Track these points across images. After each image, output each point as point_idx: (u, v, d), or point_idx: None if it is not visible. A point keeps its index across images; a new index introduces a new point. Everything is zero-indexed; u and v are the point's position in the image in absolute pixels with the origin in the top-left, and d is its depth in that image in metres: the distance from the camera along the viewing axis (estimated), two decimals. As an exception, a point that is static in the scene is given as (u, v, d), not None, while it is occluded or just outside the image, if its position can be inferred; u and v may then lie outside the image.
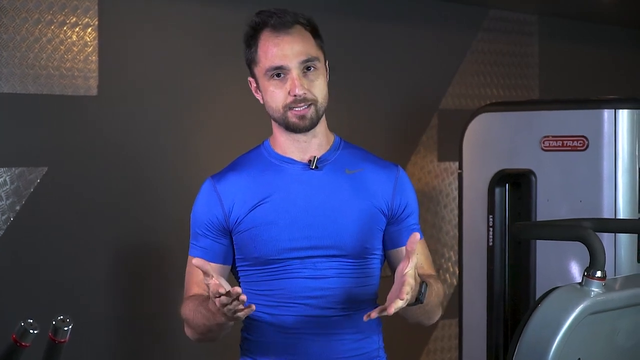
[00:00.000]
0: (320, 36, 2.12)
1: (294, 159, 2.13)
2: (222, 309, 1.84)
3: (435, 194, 4.57)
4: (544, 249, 3.55)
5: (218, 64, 3.66)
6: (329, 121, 2.17)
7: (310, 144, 2.12)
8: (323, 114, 2.11)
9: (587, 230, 1.92)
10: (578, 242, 1.91)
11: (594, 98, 3.62)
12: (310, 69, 2.06)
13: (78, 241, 3.31)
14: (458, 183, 3.84)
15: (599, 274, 1.84)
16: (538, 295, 2.61)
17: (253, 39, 2.10)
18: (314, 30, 2.11)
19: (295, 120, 2.07)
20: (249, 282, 2.13)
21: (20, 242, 3.18)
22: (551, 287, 1.85)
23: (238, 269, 2.15)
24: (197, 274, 2.09)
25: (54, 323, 1.66)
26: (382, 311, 1.83)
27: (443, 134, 4.56)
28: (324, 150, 2.14)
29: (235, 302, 1.82)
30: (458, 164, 3.83)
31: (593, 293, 1.82)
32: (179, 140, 3.58)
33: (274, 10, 2.09)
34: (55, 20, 3.23)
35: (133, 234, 3.47)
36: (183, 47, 3.59)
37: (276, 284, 2.09)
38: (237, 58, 2.25)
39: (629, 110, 3.46)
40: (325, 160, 2.13)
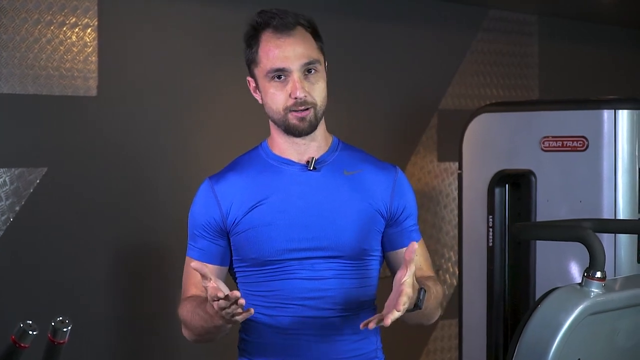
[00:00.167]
0: (320, 38, 2.11)
1: (292, 160, 2.12)
2: (220, 312, 1.83)
3: (435, 194, 4.57)
4: (543, 249, 3.55)
5: (218, 64, 3.66)
6: (328, 121, 2.16)
7: (309, 146, 2.12)
8: (322, 116, 2.10)
9: (587, 231, 1.92)
10: (578, 243, 1.91)
11: (594, 98, 3.62)
12: (311, 71, 2.06)
13: (78, 241, 3.31)
14: (458, 183, 3.84)
15: (598, 274, 1.84)
16: (538, 296, 2.61)
17: (254, 39, 2.09)
18: (314, 32, 2.10)
19: (295, 122, 2.06)
20: (247, 283, 2.12)
21: (20, 242, 3.18)
22: (551, 288, 1.85)
23: (235, 270, 2.15)
24: (195, 274, 2.09)
25: (52, 324, 1.66)
26: (380, 321, 1.83)
27: (443, 134, 4.56)
28: (322, 151, 2.13)
29: (233, 306, 1.82)
30: (458, 164, 3.83)
31: (593, 294, 1.82)
32: (178, 140, 3.58)
33: (276, 10, 2.08)
34: (54, 21, 3.23)
35: (133, 234, 3.47)
36: (183, 48, 3.59)
37: (274, 285, 2.08)
38: (237, 58, 2.25)
39: (628, 111, 3.46)
40: (323, 162, 2.12)
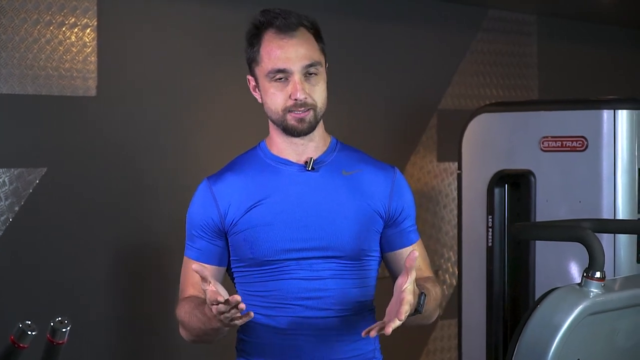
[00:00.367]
0: (322, 39, 2.11)
1: (290, 161, 2.12)
2: (219, 316, 1.83)
3: (434, 194, 4.57)
4: (543, 249, 3.55)
5: (217, 64, 3.66)
6: (328, 121, 2.16)
7: (307, 147, 2.12)
8: (321, 118, 2.10)
9: (587, 231, 1.92)
10: (577, 243, 1.91)
11: (593, 98, 3.61)
12: (312, 73, 2.06)
13: (78, 241, 3.31)
14: (457, 183, 3.84)
15: (598, 274, 1.84)
16: (537, 296, 2.61)
17: (256, 38, 2.08)
18: (317, 33, 2.10)
19: (294, 122, 2.06)
20: (245, 284, 2.12)
21: (20, 242, 3.18)
22: (550, 288, 1.85)
23: (233, 270, 2.15)
24: (193, 274, 2.08)
25: (52, 324, 1.66)
26: (381, 329, 1.84)
27: (442, 134, 4.56)
28: (320, 152, 2.13)
29: (233, 310, 1.81)
30: (457, 164, 3.83)
31: (592, 294, 1.82)
32: (178, 140, 3.58)
33: (279, 10, 2.07)
34: (54, 21, 3.23)
35: (133, 234, 3.47)
36: (182, 47, 3.59)
37: (272, 285, 2.08)
38: (237, 58, 2.25)
39: (628, 111, 3.46)
40: (321, 162, 2.12)
